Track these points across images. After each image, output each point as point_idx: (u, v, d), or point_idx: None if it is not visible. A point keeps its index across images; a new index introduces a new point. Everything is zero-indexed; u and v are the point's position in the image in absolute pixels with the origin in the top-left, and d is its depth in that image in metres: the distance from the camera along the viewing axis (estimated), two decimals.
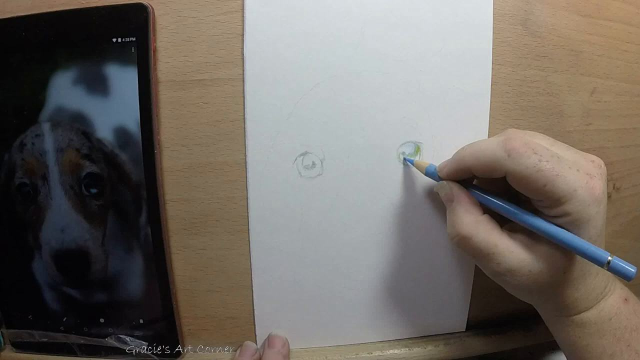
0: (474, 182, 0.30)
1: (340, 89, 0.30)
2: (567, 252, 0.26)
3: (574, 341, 0.28)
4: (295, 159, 0.31)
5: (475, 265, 0.34)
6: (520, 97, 0.32)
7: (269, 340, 0.33)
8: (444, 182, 0.29)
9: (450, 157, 0.29)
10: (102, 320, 0.32)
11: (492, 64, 0.31)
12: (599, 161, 0.27)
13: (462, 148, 0.28)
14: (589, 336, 0.28)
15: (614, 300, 0.28)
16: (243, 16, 0.29)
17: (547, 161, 0.25)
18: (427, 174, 0.30)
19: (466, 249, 0.28)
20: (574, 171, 0.25)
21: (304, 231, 0.32)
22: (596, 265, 0.25)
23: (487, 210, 0.28)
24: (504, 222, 0.28)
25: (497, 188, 0.28)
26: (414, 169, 0.31)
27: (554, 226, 0.26)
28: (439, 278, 0.34)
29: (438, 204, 0.33)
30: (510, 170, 0.25)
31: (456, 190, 0.29)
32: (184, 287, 0.32)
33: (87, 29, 0.29)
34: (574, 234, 0.25)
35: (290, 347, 0.34)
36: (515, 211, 0.27)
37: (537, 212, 0.26)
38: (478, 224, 0.27)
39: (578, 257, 0.26)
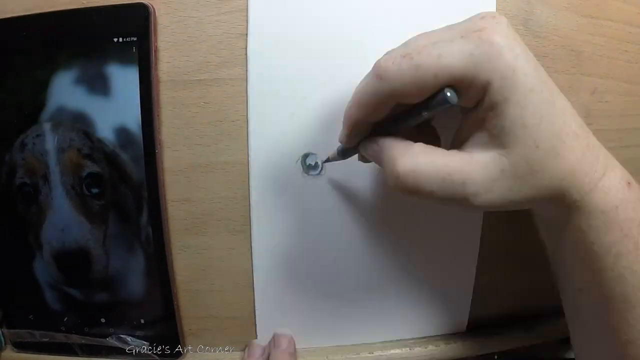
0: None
1: (343, 89, 0.30)
2: (527, 125, 0.21)
3: (577, 242, 0.24)
4: (298, 159, 0.31)
5: (477, 266, 0.34)
6: None
7: (275, 340, 0.33)
8: (365, 142, 0.25)
9: None
10: (103, 320, 0.32)
11: None
12: (491, 13, 0.22)
13: (346, 106, 0.25)
14: (595, 231, 0.23)
15: (618, 180, 0.24)
16: (247, 16, 0.29)
17: (419, 53, 0.21)
18: (340, 153, 0.28)
19: (415, 188, 0.22)
20: (458, 39, 0.21)
21: (306, 231, 0.32)
22: (573, 129, 0.22)
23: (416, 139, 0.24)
24: None
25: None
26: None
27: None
28: (440, 278, 0.34)
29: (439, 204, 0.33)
30: (392, 90, 0.22)
31: (371, 140, 0.25)
32: (185, 287, 0.32)
33: (88, 28, 0.29)
34: (511, 98, 0.21)
35: None
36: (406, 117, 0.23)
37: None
38: (414, 152, 0.22)
39: (543, 124, 0.22)
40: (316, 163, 0.31)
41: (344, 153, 0.28)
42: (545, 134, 0.22)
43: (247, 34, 0.29)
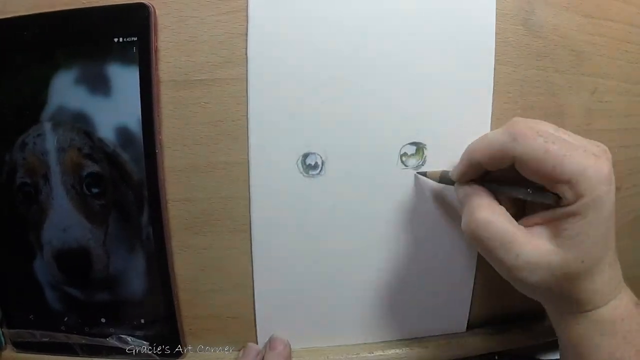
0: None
1: (343, 89, 0.30)
2: (585, 242, 0.26)
3: (584, 340, 0.28)
4: (298, 159, 0.31)
5: (476, 266, 0.34)
6: (522, 97, 0.32)
7: (271, 342, 0.33)
8: (461, 184, 0.29)
9: (456, 158, 0.29)
10: (103, 320, 0.32)
11: (494, 64, 0.31)
12: (603, 146, 0.27)
13: (470, 144, 0.28)
14: (600, 335, 0.27)
15: (627, 301, 0.28)
16: (247, 16, 0.29)
17: (553, 142, 0.25)
18: (441, 180, 0.30)
19: (484, 238, 0.26)
20: (581, 152, 0.25)
21: (306, 231, 0.32)
22: (609, 255, 0.27)
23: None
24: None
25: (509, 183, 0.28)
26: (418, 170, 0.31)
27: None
28: (440, 278, 0.35)
29: (440, 204, 0.33)
30: (517, 154, 0.25)
31: (471, 185, 0.28)
32: (186, 287, 0.32)
33: (89, 28, 0.29)
34: (589, 216, 0.25)
35: (291, 347, 0.34)
36: (510, 189, 0.27)
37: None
38: (496, 212, 0.27)
39: (594, 246, 0.26)
40: (316, 163, 0.31)
41: (445, 181, 0.30)
42: (594, 255, 0.26)
43: (246, 34, 0.29)
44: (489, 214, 0.27)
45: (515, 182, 0.27)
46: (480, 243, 0.27)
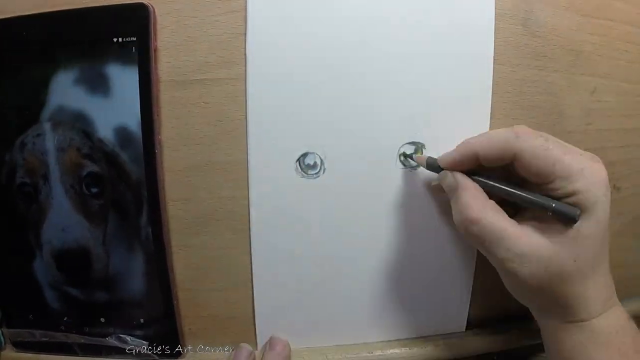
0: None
1: (342, 89, 0.30)
2: (577, 240, 0.26)
3: (577, 352, 0.28)
4: (297, 159, 0.31)
5: (476, 266, 0.34)
6: (521, 97, 0.32)
7: (270, 343, 0.33)
8: (446, 171, 0.29)
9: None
10: (102, 319, 0.32)
11: (493, 63, 0.31)
12: (598, 157, 0.28)
13: (468, 138, 0.29)
14: (595, 346, 0.27)
15: (620, 313, 0.28)
16: (245, 16, 0.29)
17: (554, 143, 0.26)
18: (428, 166, 0.30)
19: (475, 234, 0.27)
20: (579, 155, 0.27)
21: (305, 230, 0.32)
22: (603, 264, 0.27)
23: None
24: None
25: (498, 179, 0.29)
26: (417, 169, 0.31)
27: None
28: (439, 278, 0.35)
29: (438, 204, 0.33)
30: (521, 150, 0.26)
31: (459, 177, 0.28)
32: (185, 287, 0.32)
33: (88, 28, 0.29)
34: (583, 215, 0.26)
35: (291, 347, 0.34)
36: (522, 193, 0.27)
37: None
38: (486, 208, 0.27)
39: (587, 246, 0.26)
40: (315, 162, 0.31)
41: (431, 167, 0.30)
42: (586, 256, 0.26)
43: (245, 34, 0.29)
44: (481, 209, 0.27)
45: (503, 180, 0.28)
46: (473, 238, 0.28)
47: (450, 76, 0.31)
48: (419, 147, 0.32)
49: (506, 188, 0.28)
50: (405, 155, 0.31)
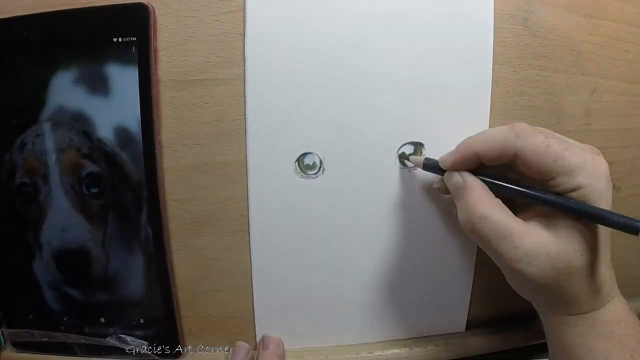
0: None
1: (341, 89, 0.30)
2: (584, 234, 0.26)
3: (578, 344, 0.28)
4: (296, 159, 0.31)
5: (476, 266, 0.34)
6: (521, 97, 0.32)
7: (263, 342, 0.33)
8: (452, 172, 0.29)
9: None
10: (102, 320, 0.32)
11: (493, 63, 0.31)
12: (597, 150, 0.28)
13: (467, 138, 0.29)
14: (596, 338, 0.27)
15: (622, 305, 0.28)
16: (244, 16, 0.29)
17: (554, 138, 0.26)
18: (425, 167, 0.30)
19: (482, 232, 0.27)
20: (579, 149, 0.27)
21: (305, 231, 0.32)
22: (606, 255, 0.26)
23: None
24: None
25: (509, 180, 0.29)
26: (416, 169, 0.31)
27: (575, 202, 0.26)
28: (439, 278, 0.35)
29: (438, 203, 0.33)
30: (521, 148, 0.26)
31: (466, 176, 0.28)
32: (185, 287, 0.32)
33: (88, 28, 0.29)
34: None
35: (290, 347, 0.34)
36: (533, 192, 0.27)
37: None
38: (493, 205, 0.27)
39: (594, 241, 0.26)
40: (314, 163, 0.31)
41: (429, 168, 0.30)
42: (592, 251, 0.26)
43: (244, 34, 0.29)
44: (487, 208, 0.27)
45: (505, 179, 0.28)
46: (479, 238, 0.27)
47: (450, 76, 0.31)
48: (418, 147, 0.31)
49: (513, 186, 0.27)
50: (404, 155, 0.31)
